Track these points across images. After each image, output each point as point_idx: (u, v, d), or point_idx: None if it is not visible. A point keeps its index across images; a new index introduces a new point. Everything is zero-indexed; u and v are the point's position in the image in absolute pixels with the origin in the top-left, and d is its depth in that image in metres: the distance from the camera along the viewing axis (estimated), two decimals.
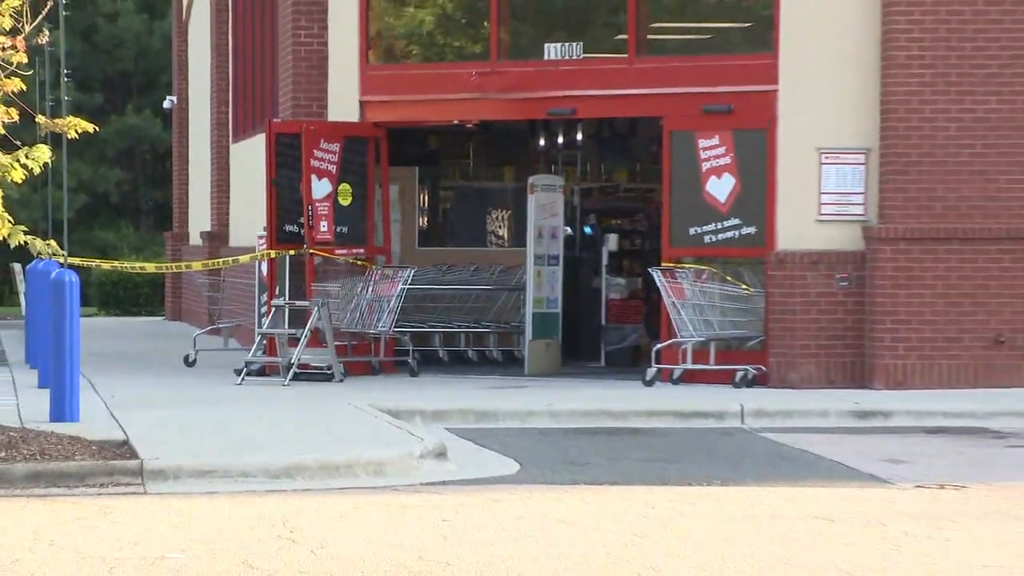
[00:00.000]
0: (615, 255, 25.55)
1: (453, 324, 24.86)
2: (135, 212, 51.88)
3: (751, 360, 21.29)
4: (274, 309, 22.82)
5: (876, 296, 20.81)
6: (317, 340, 22.04)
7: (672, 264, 21.71)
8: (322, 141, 23.03)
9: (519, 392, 20.91)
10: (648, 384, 21.25)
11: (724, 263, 21.77)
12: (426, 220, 28.07)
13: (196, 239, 35.14)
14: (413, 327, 23.78)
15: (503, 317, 24.80)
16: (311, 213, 22.76)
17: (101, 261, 28.40)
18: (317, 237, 22.78)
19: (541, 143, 27.72)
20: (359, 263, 23.22)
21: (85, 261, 24.41)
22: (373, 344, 23.21)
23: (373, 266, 23.23)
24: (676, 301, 21.45)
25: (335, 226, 23.02)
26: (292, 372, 21.75)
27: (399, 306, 22.63)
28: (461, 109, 24.23)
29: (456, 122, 25.77)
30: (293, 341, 22.11)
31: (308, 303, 22.26)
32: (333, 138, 23.17)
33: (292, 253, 22.87)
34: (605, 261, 25.17)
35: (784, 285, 21.16)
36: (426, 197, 28.19)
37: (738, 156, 21.50)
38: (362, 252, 23.40)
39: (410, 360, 23.12)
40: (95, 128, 16.52)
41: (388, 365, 23.25)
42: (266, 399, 19.98)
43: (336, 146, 23.13)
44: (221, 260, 27.31)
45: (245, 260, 24.80)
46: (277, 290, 22.96)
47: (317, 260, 22.92)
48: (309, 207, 22.73)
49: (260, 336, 23.13)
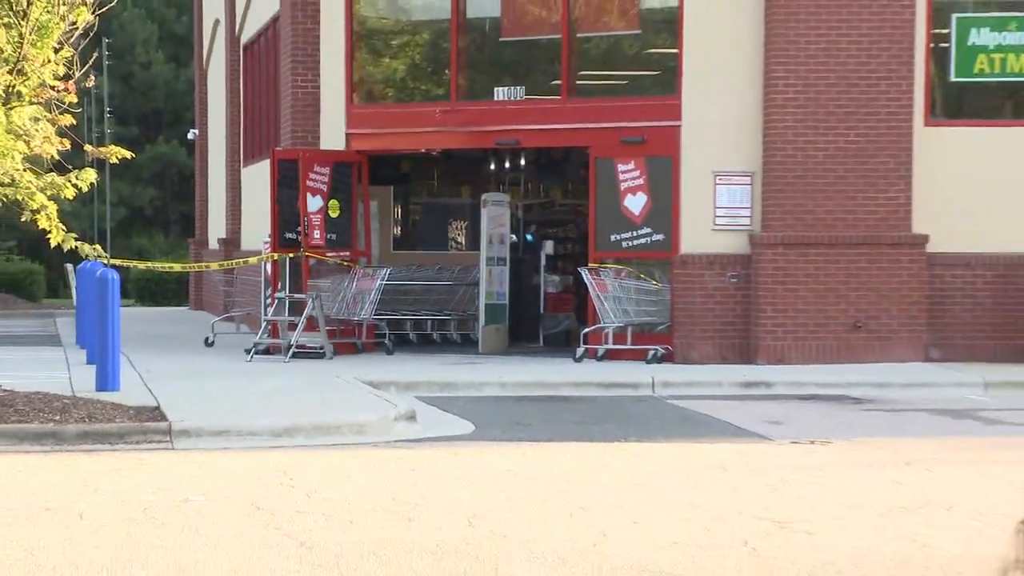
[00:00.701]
0: (551, 257, 25.57)
1: (421, 312, 24.80)
2: (165, 222, 51.65)
3: (660, 341, 21.29)
4: (277, 300, 22.77)
5: (759, 290, 20.85)
6: (312, 325, 21.95)
7: (597, 264, 21.71)
8: (315, 165, 22.95)
9: (474, 367, 20.88)
10: (577, 361, 21.24)
11: (639, 264, 21.76)
12: (399, 229, 28.00)
13: (214, 244, 34.99)
14: (389, 315, 23.71)
15: (461, 307, 24.75)
16: (306, 223, 22.68)
17: (137, 262, 28.22)
18: (311, 243, 22.70)
19: (492, 167, 27.65)
20: (345, 263, 23.15)
21: (124, 262, 24.29)
22: (357, 329, 23.15)
23: (356, 266, 23.17)
24: (600, 294, 21.45)
25: (326, 234, 22.95)
26: (291, 351, 21.67)
27: (378, 298, 22.60)
28: (427, 140, 24.22)
29: (423, 150, 25.77)
30: (292, 326, 22.02)
31: (304, 296, 22.18)
32: (324, 163, 23.10)
33: (291, 255, 22.79)
34: (543, 262, 25.19)
35: (686, 281, 21.18)
36: (399, 210, 28.13)
37: (649, 178, 21.50)
38: (347, 255, 23.32)
39: (386, 341, 23.07)
40: (132, 155, 16.47)
41: (369, 345, 23.22)
42: (270, 373, 19.91)
43: (327, 169, 23.05)
44: (234, 261, 27.24)
45: (253, 261, 24.71)
46: (279, 285, 22.91)
47: (311, 261, 22.83)
48: (305, 219, 22.64)
49: (266, 322, 23.09)
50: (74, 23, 14.99)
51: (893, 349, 20.74)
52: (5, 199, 15.24)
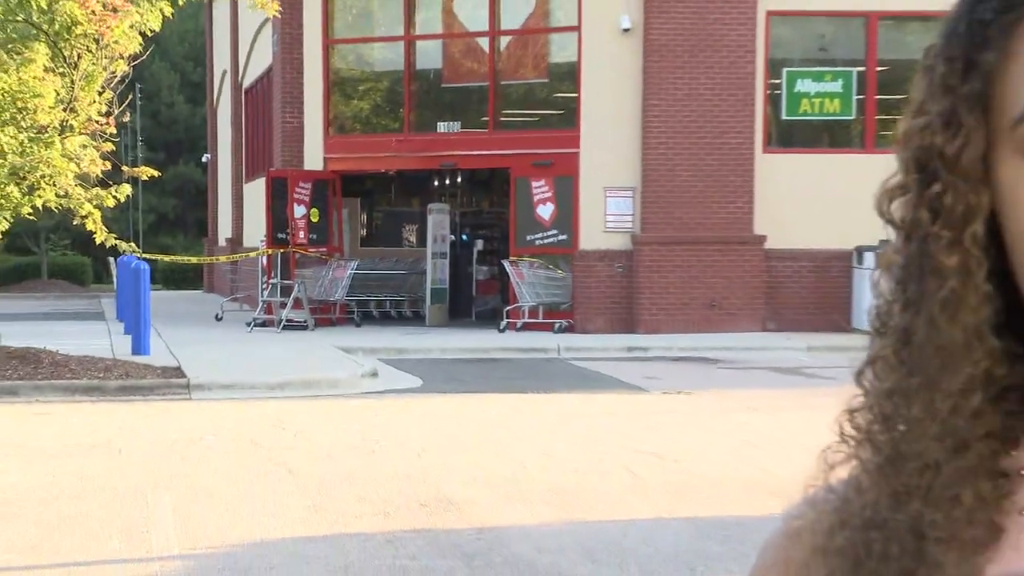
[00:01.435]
0: (481, 253, 25.50)
1: (382, 295, 24.71)
2: (184, 225, 51.14)
3: (564, 316, 21.29)
4: (271, 285, 22.64)
5: (639, 277, 20.89)
6: (298, 304, 21.86)
7: (516, 258, 21.66)
8: (300, 182, 22.85)
9: (422, 336, 20.84)
10: (501, 332, 21.21)
11: (548, 257, 21.71)
12: (365, 231, 27.88)
13: (222, 242, 34.71)
14: (357, 297, 23.62)
15: (413, 290, 24.66)
16: (293, 226, 22.60)
17: (163, 256, 28.06)
18: (297, 241, 22.62)
19: (435, 183, 27.60)
20: (323, 257, 23.02)
21: (153, 256, 24.10)
22: (332, 307, 23.00)
23: (332, 259, 23.04)
24: (518, 281, 21.44)
25: (308, 234, 22.86)
26: (282, 324, 21.58)
27: (349, 283, 22.51)
28: (386, 163, 24.11)
29: (383, 170, 25.61)
30: (282, 305, 21.96)
31: (292, 282, 22.10)
32: (307, 180, 22.99)
33: (282, 251, 22.64)
34: (475, 256, 25.16)
35: (584, 271, 21.20)
36: (365, 216, 28.02)
37: (556, 192, 21.49)
38: (325, 250, 23.19)
39: (355, 317, 22.96)
40: (158, 174, 16.58)
41: (341, 320, 23.07)
42: (266, 341, 19.81)
43: (309, 185, 22.94)
44: (238, 255, 27.09)
45: (253, 255, 24.63)
46: (273, 273, 22.79)
47: (297, 255, 22.70)
48: (292, 223, 22.57)
49: (262, 302, 22.92)
50: (113, 72, 15.07)
51: (739, 322, 20.83)
52: (61, 207, 15.28)
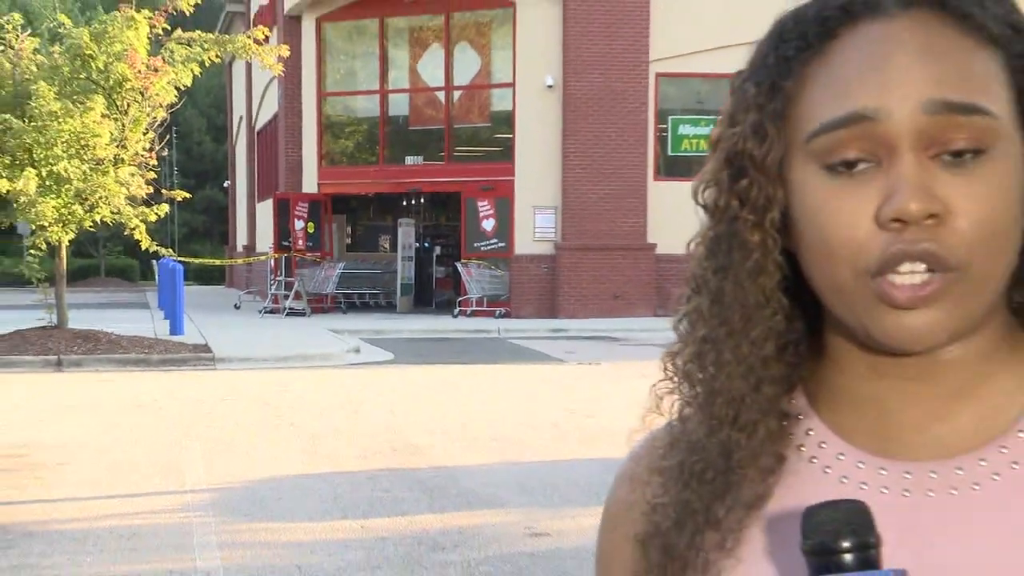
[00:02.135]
0: (439, 256, 25.44)
1: (363, 288, 24.63)
2: (211, 235, 50.63)
3: (503, 306, 21.30)
4: (277, 282, 22.52)
5: (560, 276, 20.94)
6: (298, 296, 21.79)
7: (466, 260, 21.67)
8: (299, 203, 22.72)
9: (394, 321, 20.80)
10: (455, 317, 21.23)
11: (491, 260, 21.75)
12: (350, 240, 27.73)
13: (240, 249, 34.49)
14: (344, 290, 23.54)
15: (386, 286, 24.63)
16: (294, 236, 22.51)
17: (194, 259, 27.82)
18: (297, 247, 22.51)
19: (404, 204, 27.49)
20: (318, 260, 22.93)
21: (186, 259, 23.88)
22: (325, 298, 22.93)
23: (324, 261, 22.97)
24: (467, 278, 21.45)
25: (306, 242, 22.75)
26: (286, 312, 21.51)
27: (338, 280, 22.46)
28: (366, 188, 24.03)
29: (364, 193, 25.52)
30: (286, 297, 21.86)
31: (293, 279, 22.01)
32: (305, 201, 22.86)
33: (286, 255, 22.55)
34: (435, 260, 25.12)
35: (519, 270, 21.23)
36: (350, 229, 27.85)
37: (497, 210, 21.49)
38: (319, 255, 23.09)
39: (342, 306, 22.92)
40: (189, 196, 16.58)
41: (332, 308, 22.96)
42: (273, 325, 19.71)
43: (306, 205, 22.82)
44: (252, 259, 26.95)
45: (263, 259, 24.47)
46: (279, 272, 22.66)
47: (297, 258, 22.61)
48: (293, 233, 22.49)
49: (270, 295, 22.79)
50: (155, 118, 15.12)
51: (636, 310, 20.94)
52: (115, 221, 15.19)
